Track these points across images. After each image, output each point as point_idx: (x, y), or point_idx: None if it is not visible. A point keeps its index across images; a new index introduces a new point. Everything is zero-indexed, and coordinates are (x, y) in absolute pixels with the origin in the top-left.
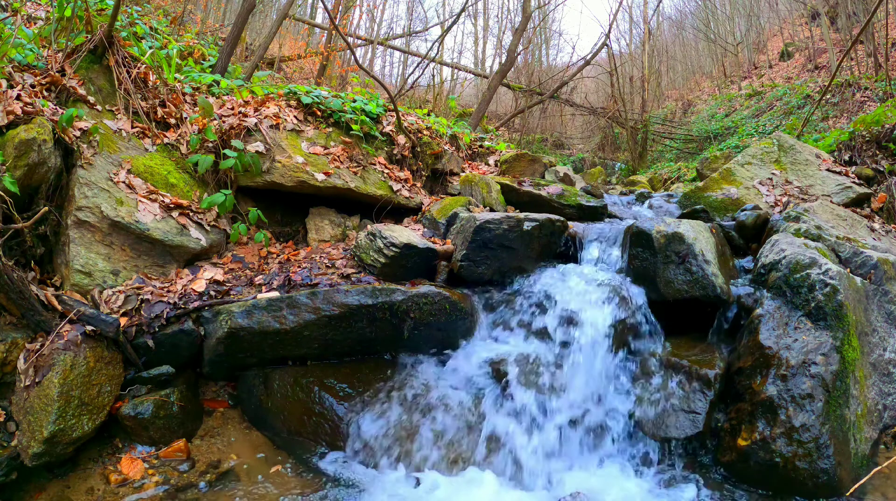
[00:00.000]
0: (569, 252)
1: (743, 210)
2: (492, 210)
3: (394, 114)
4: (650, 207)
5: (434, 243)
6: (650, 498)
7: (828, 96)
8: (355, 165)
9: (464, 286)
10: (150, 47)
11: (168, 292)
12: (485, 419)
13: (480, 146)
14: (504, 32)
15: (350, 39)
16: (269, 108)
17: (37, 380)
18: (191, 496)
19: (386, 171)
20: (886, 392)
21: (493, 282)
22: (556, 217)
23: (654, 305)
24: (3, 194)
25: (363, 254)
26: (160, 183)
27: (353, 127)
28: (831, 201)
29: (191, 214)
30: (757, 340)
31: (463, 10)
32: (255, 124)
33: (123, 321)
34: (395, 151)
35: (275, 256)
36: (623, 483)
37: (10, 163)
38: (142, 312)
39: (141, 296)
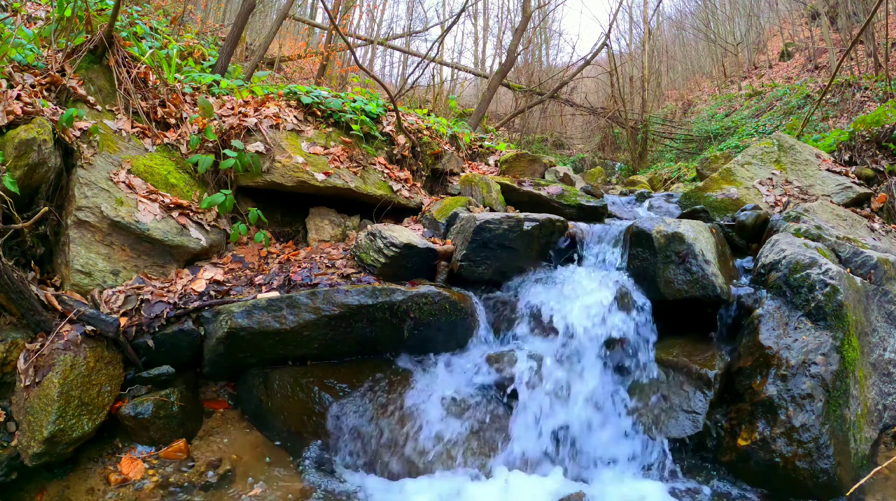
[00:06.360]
0: (569, 252)
1: (743, 210)
2: (492, 210)
3: (394, 114)
4: (650, 207)
5: (434, 243)
6: (649, 498)
7: (828, 96)
8: (355, 165)
9: (464, 286)
10: (150, 47)
11: (168, 292)
12: (484, 419)
13: (480, 146)
14: (504, 32)
15: (350, 39)
16: (269, 108)
17: (37, 380)
18: (191, 496)
19: (386, 171)
20: (886, 392)
21: (493, 282)
22: (556, 217)
23: (653, 304)
24: (3, 193)
25: (363, 254)
26: (160, 183)
27: (353, 127)
28: (831, 201)
29: (191, 214)
30: (757, 340)
31: (463, 10)
32: (255, 124)
33: (123, 320)
34: (395, 151)
35: (275, 256)
36: (622, 482)
37: (10, 163)
38: (142, 312)
39: (141, 296)
